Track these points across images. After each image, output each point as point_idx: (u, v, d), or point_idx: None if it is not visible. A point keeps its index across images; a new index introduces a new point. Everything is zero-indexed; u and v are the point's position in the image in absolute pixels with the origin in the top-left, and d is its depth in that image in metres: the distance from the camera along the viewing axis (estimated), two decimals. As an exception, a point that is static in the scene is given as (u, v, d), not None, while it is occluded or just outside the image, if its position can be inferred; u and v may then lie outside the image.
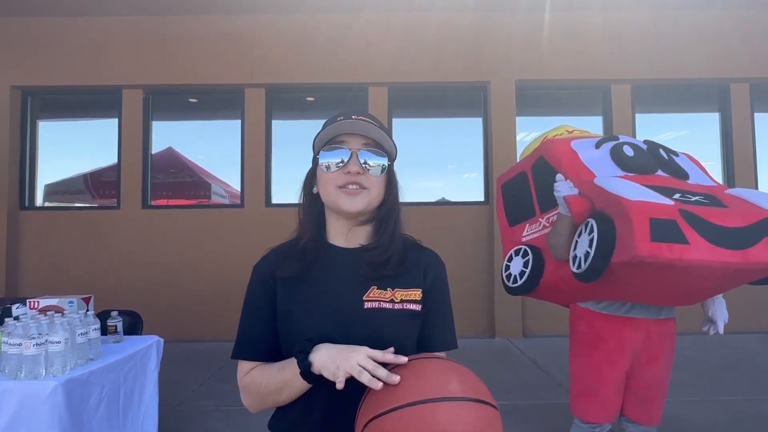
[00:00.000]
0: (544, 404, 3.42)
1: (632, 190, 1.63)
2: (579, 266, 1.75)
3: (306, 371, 0.85)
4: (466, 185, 6.05)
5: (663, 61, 5.75)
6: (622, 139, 2.02)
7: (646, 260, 1.52)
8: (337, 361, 0.82)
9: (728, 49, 5.73)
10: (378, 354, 0.81)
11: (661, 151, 1.98)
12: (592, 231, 1.74)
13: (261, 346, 0.96)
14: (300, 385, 0.88)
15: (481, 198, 5.87)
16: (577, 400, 1.98)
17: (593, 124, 5.85)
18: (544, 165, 2.11)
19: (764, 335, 5.40)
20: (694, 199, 1.66)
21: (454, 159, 6.13)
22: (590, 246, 1.71)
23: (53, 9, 5.57)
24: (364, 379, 0.78)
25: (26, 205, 5.83)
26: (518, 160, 2.47)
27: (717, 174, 5.88)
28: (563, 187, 1.86)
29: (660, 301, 1.86)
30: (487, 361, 4.55)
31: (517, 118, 5.74)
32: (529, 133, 5.98)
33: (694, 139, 6.00)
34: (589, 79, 5.81)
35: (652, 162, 1.91)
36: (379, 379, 0.77)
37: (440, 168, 6.12)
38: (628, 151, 1.92)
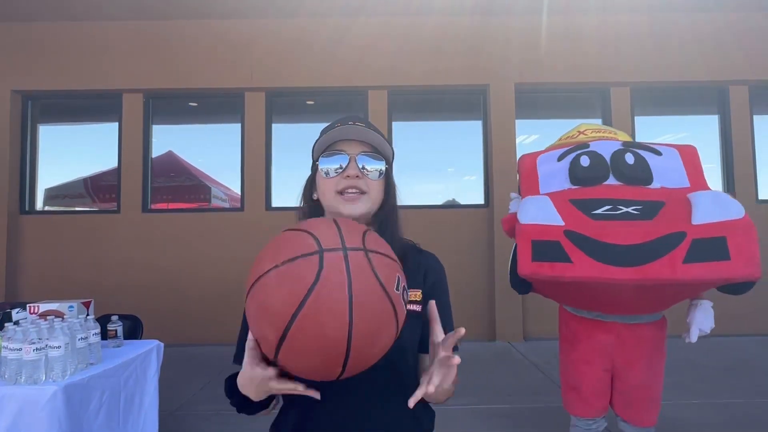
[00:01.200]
0: (544, 407, 3.41)
1: (532, 213, 1.79)
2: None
3: (238, 407, 0.90)
4: (466, 188, 6.06)
5: (661, 64, 5.76)
6: (592, 146, 2.04)
7: (529, 278, 1.74)
8: (260, 387, 0.79)
9: (727, 51, 5.75)
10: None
11: (628, 155, 1.95)
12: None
13: None
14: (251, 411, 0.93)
15: (481, 201, 5.87)
16: (565, 395, 2.12)
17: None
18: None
19: (764, 338, 5.40)
20: (622, 211, 1.74)
21: (453, 162, 6.14)
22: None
23: (53, 14, 5.59)
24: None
25: (26, 209, 5.84)
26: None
27: (716, 176, 5.89)
28: (512, 206, 2.10)
29: (604, 309, 1.95)
30: (487, 365, 4.54)
31: (516, 120, 5.75)
32: (528, 136, 5.99)
33: (693, 141, 5.92)
34: (587, 82, 5.82)
35: (603, 172, 1.95)
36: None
37: (440, 171, 6.12)
38: (584, 162, 1.98)
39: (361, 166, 0.97)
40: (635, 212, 1.73)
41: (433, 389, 0.76)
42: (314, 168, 1.03)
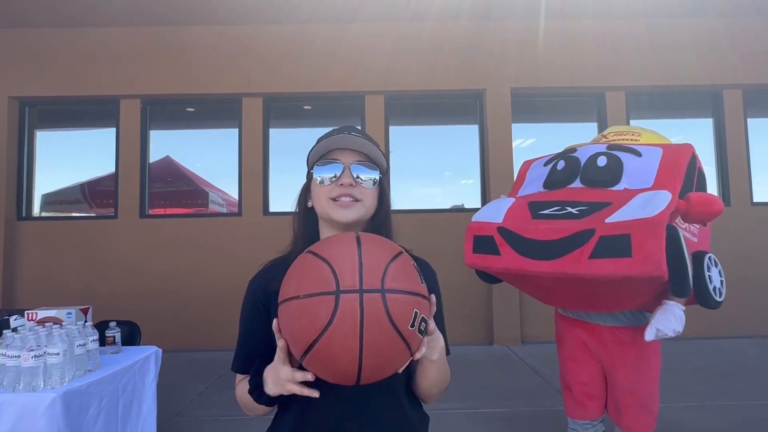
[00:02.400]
0: (543, 411, 3.42)
1: (483, 212, 2.04)
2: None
3: (266, 403, 0.92)
4: (464, 192, 6.08)
5: (656, 68, 5.81)
6: (580, 150, 2.08)
7: (470, 267, 2.01)
8: (278, 384, 0.86)
9: (721, 56, 5.80)
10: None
11: (601, 159, 1.97)
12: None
13: (254, 360, 0.97)
14: (262, 410, 0.95)
15: (478, 205, 5.89)
16: (563, 396, 2.17)
17: (588, 131, 5.89)
18: None
19: (759, 339, 5.42)
20: (566, 211, 1.85)
21: (450, 166, 6.16)
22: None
23: (50, 20, 5.60)
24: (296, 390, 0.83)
25: (23, 215, 5.83)
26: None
27: (711, 179, 5.93)
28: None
29: (553, 303, 2.11)
30: (485, 368, 4.55)
31: (512, 125, 5.78)
32: (525, 140, 6.02)
33: (688, 144, 6.05)
34: (583, 86, 5.86)
35: (569, 176, 2.03)
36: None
37: (437, 175, 6.15)
38: (560, 166, 2.08)
39: (355, 175, 0.99)
40: (576, 212, 1.82)
41: (419, 356, 0.80)
42: (309, 176, 1.05)
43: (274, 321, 0.83)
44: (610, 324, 1.98)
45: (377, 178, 1.02)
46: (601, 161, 1.97)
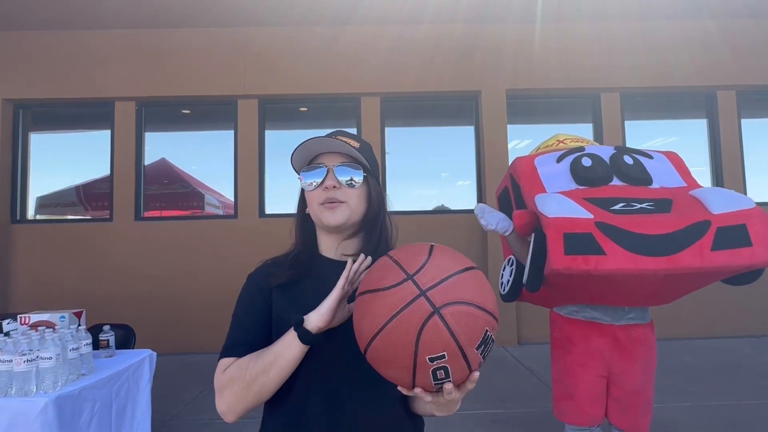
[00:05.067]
0: (539, 412, 3.42)
1: (555, 207, 1.74)
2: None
3: (305, 336, 0.91)
4: (460, 193, 6.09)
5: (651, 70, 5.84)
6: (588, 149, 2.07)
7: (562, 272, 1.64)
8: (323, 308, 0.91)
9: (715, 57, 5.84)
10: (345, 276, 0.92)
11: (626, 157, 2.00)
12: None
13: (252, 347, 0.95)
14: (292, 353, 0.91)
15: (473, 206, 5.89)
16: (558, 403, 2.09)
17: (583, 132, 5.86)
18: (515, 182, 2.24)
19: (755, 339, 5.44)
20: (637, 207, 1.76)
21: (447, 167, 6.17)
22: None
23: (44, 22, 5.57)
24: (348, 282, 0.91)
25: (18, 218, 5.79)
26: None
27: (705, 179, 5.96)
28: (485, 217, 2.13)
29: (623, 302, 1.94)
30: (482, 370, 4.49)
31: (508, 126, 5.80)
32: (520, 141, 6.04)
33: (683, 145, 6.08)
34: (578, 88, 5.88)
35: (607, 172, 1.98)
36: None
37: (433, 176, 6.15)
38: (586, 163, 2.00)
39: (339, 177, 1.01)
40: (650, 207, 1.76)
41: (420, 396, 0.78)
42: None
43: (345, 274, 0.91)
44: (624, 323, 1.96)
45: (360, 178, 1.02)
46: (628, 160, 1.99)
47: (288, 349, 0.91)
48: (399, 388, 0.78)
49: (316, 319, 0.91)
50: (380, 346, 0.73)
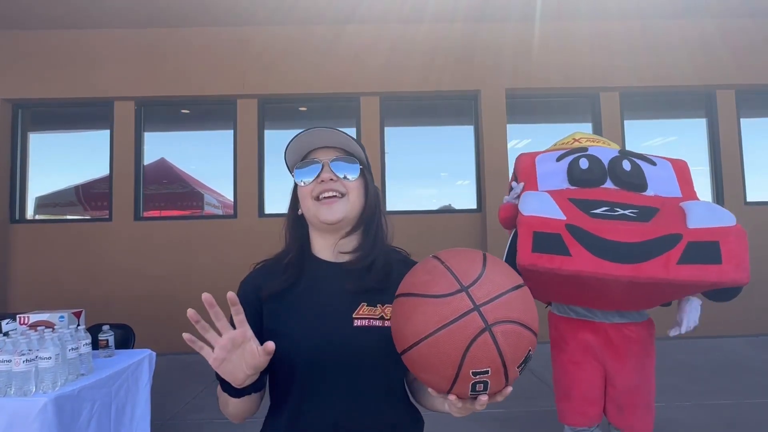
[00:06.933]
0: (539, 411, 3.42)
1: (533, 206, 1.79)
2: None
3: (229, 390, 0.89)
4: (459, 193, 6.09)
5: (650, 69, 5.84)
6: (591, 150, 2.08)
7: (528, 268, 1.69)
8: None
9: (714, 56, 5.84)
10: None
11: (625, 162, 2.01)
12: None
13: None
14: (232, 399, 0.90)
15: (473, 206, 5.90)
16: (558, 404, 2.10)
17: (583, 132, 5.91)
18: (516, 178, 2.28)
19: (753, 338, 5.45)
20: (619, 212, 1.78)
21: (446, 167, 6.17)
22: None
23: (44, 22, 5.56)
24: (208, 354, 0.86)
25: (17, 218, 5.78)
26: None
27: (705, 179, 5.96)
28: (511, 195, 2.12)
29: (595, 305, 1.97)
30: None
31: (507, 125, 5.79)
32: (520, 141, 6.04)
33: (682, 144, 6.09)
34: (578, 87, 5.88)
35: (601, 175, 1.99)
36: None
37: (433, 176, 6.15)
38: (583, 164, 2.02)
39: (335, 170, 0.98)
40: (632, 215, 1.77)
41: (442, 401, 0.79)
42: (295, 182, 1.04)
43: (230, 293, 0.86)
44: (617, 321, 1.96)
45: (357, 170, 1.00)
46: (626, 165, 1.99)
47: (229, 404, 0.92)
48: (429, 390, 0.78)
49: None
50: (424, 352, 0.73)
